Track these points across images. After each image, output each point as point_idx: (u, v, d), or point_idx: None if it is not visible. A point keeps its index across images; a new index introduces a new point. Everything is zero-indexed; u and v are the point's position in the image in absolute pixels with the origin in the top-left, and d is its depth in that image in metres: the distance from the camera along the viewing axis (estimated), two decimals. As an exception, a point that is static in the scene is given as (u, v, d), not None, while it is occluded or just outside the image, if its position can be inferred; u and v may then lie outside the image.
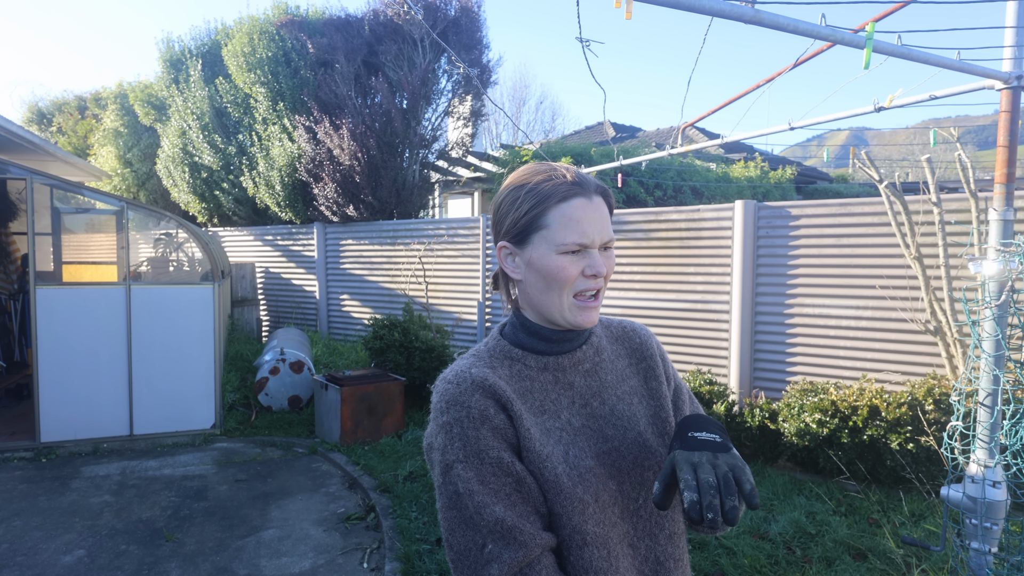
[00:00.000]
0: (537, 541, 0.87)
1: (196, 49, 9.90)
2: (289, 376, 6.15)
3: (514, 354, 1.00)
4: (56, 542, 3.59)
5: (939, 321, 3.92)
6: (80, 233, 6.96)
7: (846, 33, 2.22)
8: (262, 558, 3.44)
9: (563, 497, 0.90)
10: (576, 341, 1.02)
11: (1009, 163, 2.54)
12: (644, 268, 5.54)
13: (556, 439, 0.95)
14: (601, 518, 0.93)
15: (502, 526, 0.86)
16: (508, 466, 0.89)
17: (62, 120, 15.05)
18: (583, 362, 1.02)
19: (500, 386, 0.93)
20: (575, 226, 0.93)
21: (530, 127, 27.69)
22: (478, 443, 0.89)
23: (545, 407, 0.97)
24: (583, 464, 0.94)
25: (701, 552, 3.20)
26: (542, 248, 0.94)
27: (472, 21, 8.64)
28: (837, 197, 11.59)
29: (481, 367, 0.97)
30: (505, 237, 0.99)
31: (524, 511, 0.88)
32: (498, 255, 1.01)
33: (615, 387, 1.03)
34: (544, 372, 0.99)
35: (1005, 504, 2.53)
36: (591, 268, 0.94)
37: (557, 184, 0.94)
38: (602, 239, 0.95)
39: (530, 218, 0.95)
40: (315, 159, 8.49)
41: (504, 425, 0.92)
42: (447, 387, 0.94)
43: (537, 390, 0.98)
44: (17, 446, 5.05)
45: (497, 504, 0.87)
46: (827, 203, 4.66)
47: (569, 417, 0.98)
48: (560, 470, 0.92)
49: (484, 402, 0.92)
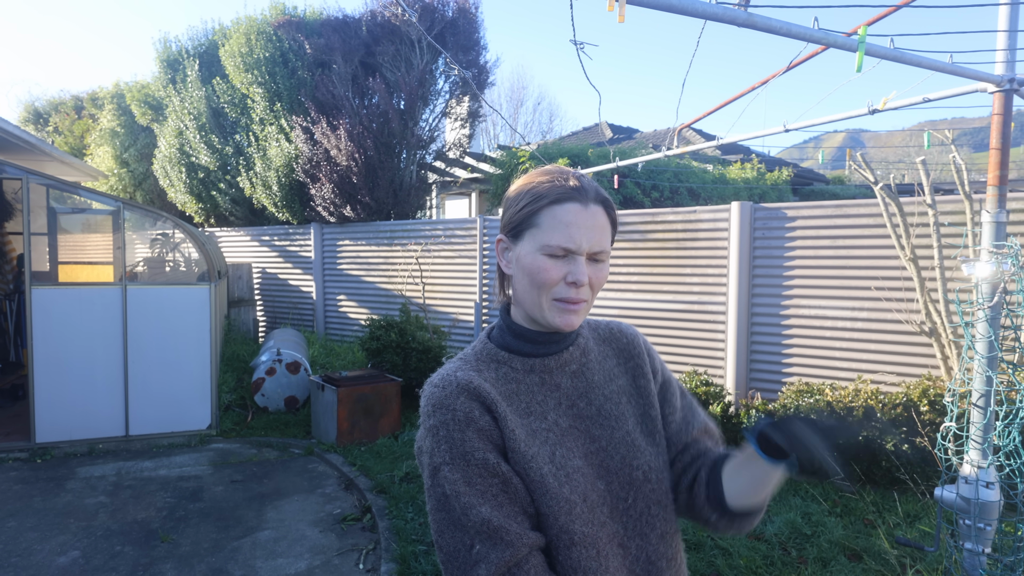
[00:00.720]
0: (524, 541, 0.87)
1: (193, 49, 9.89)
2: (285, 377, 6.15)
3: (500, 357, 1.01)
4: (51, 543, 3.58)
5: (934, 322, 3.94)
6: (76, 233, 6.95)
7: (839, 36, 2.24)
8: (258, 559, 3.44)
9: (549, 497, 0.91)
10: (562, 343, 1.02)
11: (1002, 165, 2.56)
12: (641, 269, 5.55)
13: (542, 440, 0.95)
14: (589, 518, 0.93)
15: (488, 526, 0.87)
16: (494, 467, 0.90)
17: (58, 120, 15.01)
18: (569, 363, 1.02)
19: (485, 388, 0.94)
20: (563, 229, 0.93)
21: (527, 128, 27.73)
22: (464, 445, 0.90)
23: (531, 409, 0.98)
24: (570, 464, 0.95)
25: (697, 553, 3.21)
26: (530, 246, 0.96)
27: (469, 22, 8.65)
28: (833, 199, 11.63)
29: (467, 370, 0.98)
30: (503, 231, 1.01)
31: (511, 511, 0.89)
32: (496, 248, 1.04)
33: (602, 387, 1.03)
34: (530, 374, 1.00)
35: (998, 505, 2.54)
36: (572, 276, 0.93)
37: (556, 186, 0.96)
38: (591, 247, 0.94)
39: (524, 215, 0.97)
40: (312, 160, 8.49)
41: (489, 427, 0.93)
42: (433, 391, 0.95)
43: (523, 392, 0.99)
44: (12, 447, 5.04)
45: (484, 505, 0.88)
46: (823, 204, 4.68)
47: (556, 418, 0.98)
48: (546, 470, 0.92)
49: (469, 405, 0.93)
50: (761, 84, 4.20)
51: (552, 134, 27.37)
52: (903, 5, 2.86)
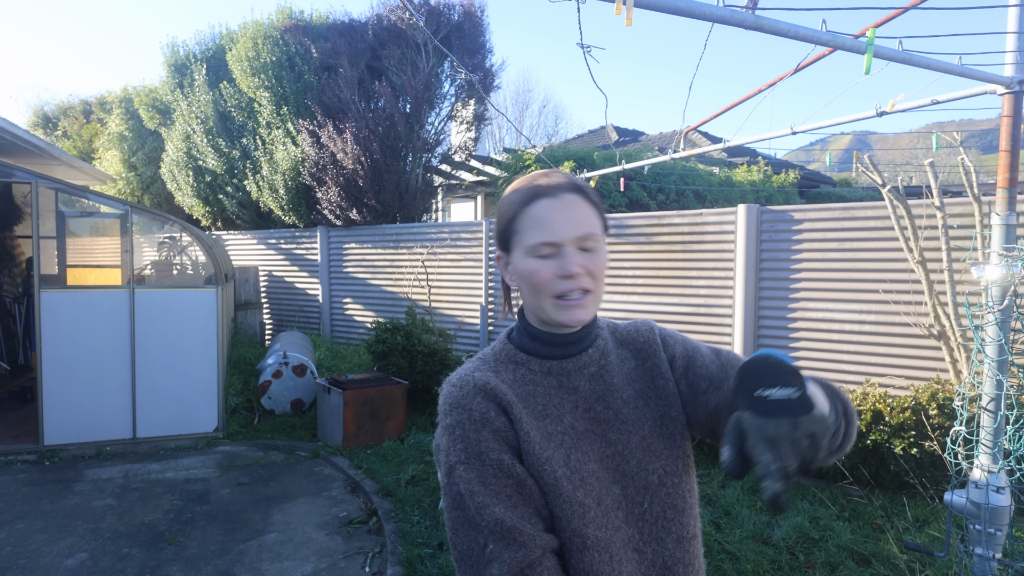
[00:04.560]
0: (537, 542, 0.87)
1: (201, 54, 9.95)
2: (292, 379, 6.16)
3: (519, 358, 1.01)
4: (59, 545, 3.60)
5: (942, 325, 3.91)
6: (84, 237, 6.99)
7: (847, 39, 2.23)
8: (264, 562, 3.44)
9: (563, 500, 0.91)
10: (580, 345, 1.02)
11: (1012, 168, 2.54)
12: (647, 272, 5.53)
13: (557, 443, 0.95)
14: (603, 522, 0.93)
15: (502, 527, 0.87)
16: (509, 468, 0.90)
17: (67, 124, 15.12)
18: (588, 366, 1.02)
19: (502, 389, 0.95)
20: (540, 226, 0.94)
21: (533, 131, 27.75)
22: (479, 445, 0.91)
23: (548, 411, 0.98)
24: (585, 468, 0.94)
25: (704, 557, 3.19)
26: (519, 253, 0.97)
27: (475, 26, 8.67)
28: (840, 201, 11.58)
29: (485, 371, 0.98)
30: (498, 246, 1.03)
31: (525, 512, 0.89)
32: (498, 265, 1.05)
33: (620, 391, 1.02)
34: (548, 376, 1.00)
35: (1009, 510, 2.52)
36: (561, 269, 0.92)
37: (527, 189, 0.97)
38: (573, 235, 0.93)
39: (506, 225, 0.98)
40: (318, 163, 8.52)
41: (505, 428, 0.93)
42: (451, 390, 0.96)
43: (540, 394, 0.98)
44: (21, 449, 5.07)
45: (498, 505, 0.88)
46: (830, 207, 4.66)
47: (572, 421, 0.98)
48: (560, 473, 0.92)
49: (485, 405, 0.93)
50: (768, 87, 4.19)
51: (557, 137, 27.40)
52: (912, 7, 2.85)
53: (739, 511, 3.67)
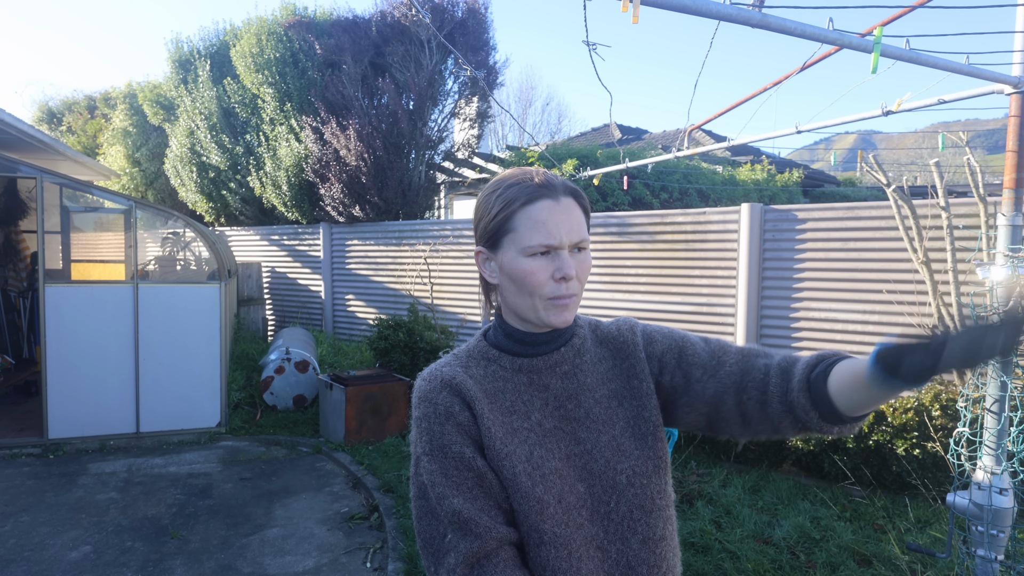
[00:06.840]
0: (493, 534, 0.90)
1: (205, 49, 9.95)
2: (294, 375, 6.17)
3: (491, 355, 1.02)
4: (63, 538, 3.61)
5: (947, 326, 3.90)
6: (89, 232, 7.01)
7: (853, 37, 2.22)
8: (266, 556, 3.46)
9: (521, 495, 0.92)
10: (554, 344, 1.01)
11: (1018, 168, 2.53)
12: (649, 270, 5.53)
13: (521, 439, 0.96)
14: (563, 519, 0.93)
15: (460, 518, 0.90)
16: (470, 461, 0.93)
17: (72, 119, 15.15)
18: (561, 364, 1.01)
19: (467, 384, 0.97)
20: (540, 227, 0.93)
21: (536, 129, 27.72)
22: (443, 438, 0.94)
23: (515, 407, 0.98)
24: (547, 465, 0.95)
25: (704, 556, 3.20)
26: (511, 252, 0.95)
27: (479, 23, 8.66)
28: (844, 200, 11.55)
29: (454, 366, 1.00)
30: (480, 242, 1.01)
31: (484, 505, 0.92)
32: (476, 261, 1.03)
33: (593, 390, 1.02)
34: (518, 373, 1.00)
35: (1012, 511, 2.51)
36: (559, 271, 0.92)
37: (524, 187, 0.95)
38: (571, 240, 0.94)
39: (499, 221, 0.96)
40: (322, 159, 8.53)
41: (468, 422, 0.95)
42: (421, 384, 0.99)
43: (509, 391, 0.99)
44: (25, 442, 5.09)
45: (457, 497, 0.91)
46: (834, 207, 4.65)
47: (540, 418, 0.98)
48: (520, 469, 0.93)
49: (450, 399, 0.95)
50: (773, 85, 4.17)
51: (560, 135, 27.35)
52: (919, 5, 2.83)
53: (740, 510, 3.67)
